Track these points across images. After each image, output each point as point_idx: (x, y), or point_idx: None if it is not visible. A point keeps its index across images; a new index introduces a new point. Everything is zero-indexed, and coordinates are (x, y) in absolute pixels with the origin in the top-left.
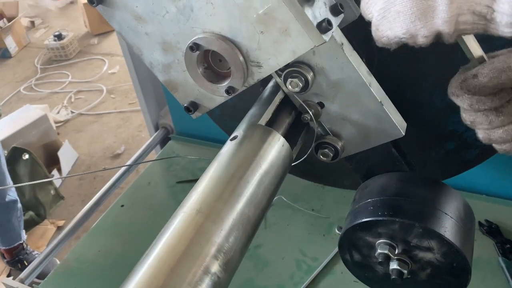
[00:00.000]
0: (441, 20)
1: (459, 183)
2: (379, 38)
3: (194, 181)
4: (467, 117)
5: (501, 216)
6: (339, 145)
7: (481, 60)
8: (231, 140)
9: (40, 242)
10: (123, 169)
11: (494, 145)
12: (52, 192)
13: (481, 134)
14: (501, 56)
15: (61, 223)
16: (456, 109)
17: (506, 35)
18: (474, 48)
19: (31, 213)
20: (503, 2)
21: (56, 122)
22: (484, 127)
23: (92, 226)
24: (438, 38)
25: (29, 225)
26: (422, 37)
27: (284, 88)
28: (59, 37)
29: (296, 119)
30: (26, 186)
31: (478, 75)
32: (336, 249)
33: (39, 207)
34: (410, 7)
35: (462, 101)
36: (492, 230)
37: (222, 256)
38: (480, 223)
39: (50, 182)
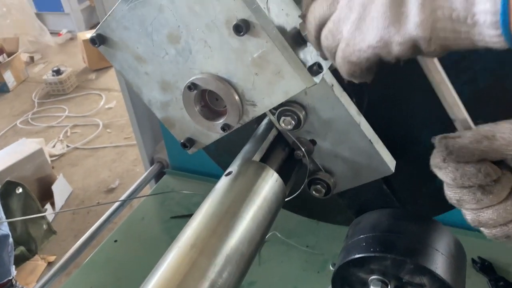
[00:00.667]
0: (413, 24)
1: (452, 219)
2: (349, 55)
3: (188, 216)
4: (452, 194)
5: (494, 253)
6: (331, 181)
7: (465, 126)
8: (226, 175)
9: (30, 278)
10: (116, 204)
11: (483, 229)
12: (45, 226)
13: (469, 216)
14: (487, 125)
15: (52, 258)
16: None
17: (493, 42)
18: (458, 109)
19: (22, 248)
20: (484, 2)
21: (51, 156)
22: (471, 207)
23: (84, 261)
24: (416, 50)
25: (19, 260)
26: (397, 44)
27: (277, 125)
28: (57, 72)
29: (290, 156)
30: (18, 221)
31: (461, 136)
32: (330, 286)
33: (31, 242)
34: (383, 11)
35: (445, 175)
36: (486, 267)
37: None
38: (473, 260)
39: (43, 217)
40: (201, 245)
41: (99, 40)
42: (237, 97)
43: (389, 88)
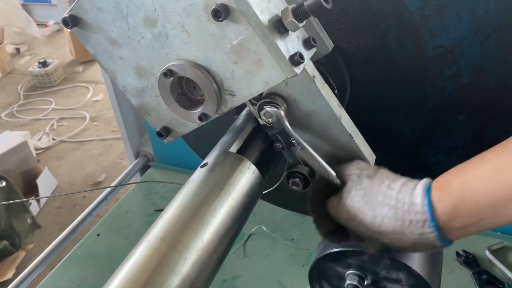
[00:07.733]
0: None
1: None
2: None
3: None
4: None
5: (478, 246)
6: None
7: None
8: (201, 167)
9: (10, 268)
10: (100, 196)
11: None
12: (29, 220)
13: None
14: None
15: (30, 246)
16: (426, 142)
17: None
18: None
19: (5, 242)
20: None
21: (37, 149)
22: None
23: (66, 255)
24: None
25: (3, 255)
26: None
27: (258, 117)
28: (44, 64)
29: (269, 148)
30: (2, 215)
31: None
32: None
33: (14, 236)
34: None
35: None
36: (470, 260)
37: (187, 286)
38: (457, 254)
39: (27, 210)
40: (171, 239)
41: (71, 22)
42: (215, 86)
43: (373, 82)
